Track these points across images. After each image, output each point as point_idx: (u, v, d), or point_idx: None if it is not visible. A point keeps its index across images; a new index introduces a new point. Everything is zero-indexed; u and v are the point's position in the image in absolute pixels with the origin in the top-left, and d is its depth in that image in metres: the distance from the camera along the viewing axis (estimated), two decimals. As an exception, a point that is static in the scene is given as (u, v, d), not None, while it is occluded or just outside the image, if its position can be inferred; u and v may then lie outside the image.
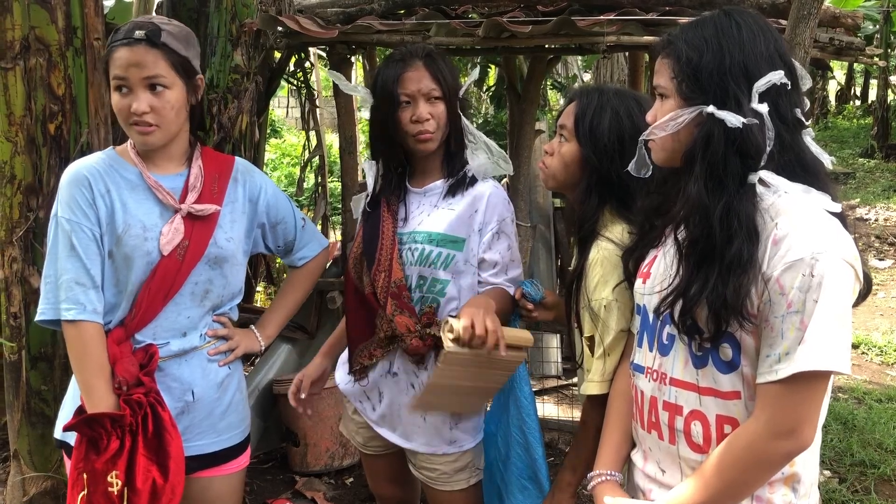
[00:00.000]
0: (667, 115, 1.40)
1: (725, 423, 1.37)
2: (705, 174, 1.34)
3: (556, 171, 1.92)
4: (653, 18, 3.18)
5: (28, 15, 2.61)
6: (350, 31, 3.22)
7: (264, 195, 2.06)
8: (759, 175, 1.33)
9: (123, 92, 1.82)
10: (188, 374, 1.94)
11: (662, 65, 1.42)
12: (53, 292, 1.83)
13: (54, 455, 2.76)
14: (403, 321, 2.03)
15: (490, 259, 2.05)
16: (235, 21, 3.43)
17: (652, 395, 1.48)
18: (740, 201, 1.32)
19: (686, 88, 1.37)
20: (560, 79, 8.16)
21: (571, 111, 1.88)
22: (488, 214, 2.03)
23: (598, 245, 1.79)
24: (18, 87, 2.64)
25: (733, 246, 1.29)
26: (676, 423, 1.43)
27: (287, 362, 4.01)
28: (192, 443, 1.94)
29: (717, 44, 1.35)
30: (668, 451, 1.46)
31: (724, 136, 1.32)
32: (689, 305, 1.35)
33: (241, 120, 3.45)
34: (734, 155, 1.32)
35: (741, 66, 1.33)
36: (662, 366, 1.46)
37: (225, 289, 1.99)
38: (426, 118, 2.02)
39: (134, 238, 1.84)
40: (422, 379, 2.07)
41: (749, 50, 1.34)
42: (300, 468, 3.71)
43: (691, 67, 1.36)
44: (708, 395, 1.38)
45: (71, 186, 1.85)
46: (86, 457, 1.78)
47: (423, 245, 2.04)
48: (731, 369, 1.35)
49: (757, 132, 1.31)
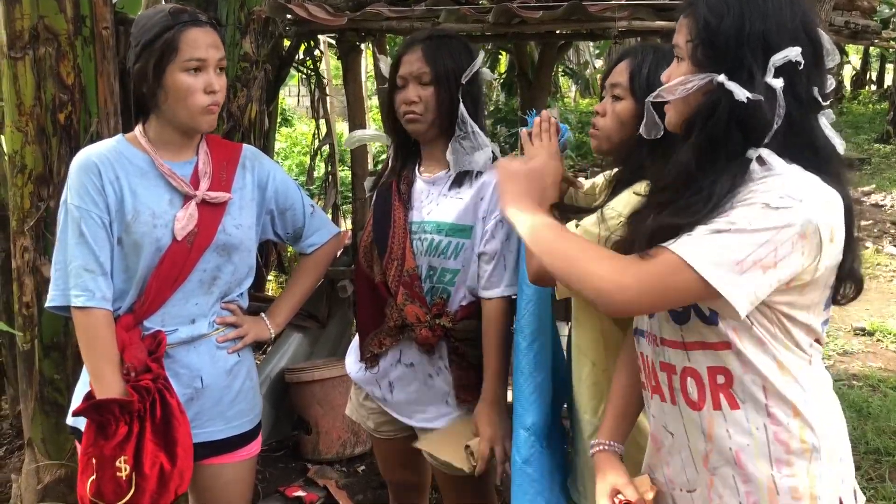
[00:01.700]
0: (678, 78, 1.35)
1: (718, 373, 1.34)
2: (701, 144, 1.31)
3: (611, 130, 1.85)
4: (664, 3, 3.14)
5: (37, 4, 2.61)
6: (359, 19, 3.20)
7: (273, 181, 2.06)
8: (759, 152, 1.28)
9: (195, 73, 1.82)
10: (196, 361, 1.95)
11: (682, 24, 1.36)
12: (63, 279, 1.84)
13: (68, 443, 2.78)
14: (414, 311, 2.04)
15: (490, 251, 2.03)
16: (244, 9, 3.42)
17: (651, 359, 1.47)
18: (727, 173, 1.28)
19: (701, 53, 1.31)
20: (571, 65, 8.13)
21: (624, 69, 1.83)
22: (493, 202, 2.02)
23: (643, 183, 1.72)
24: (28, 76, 2.64)
25: (698, 199, 1.28)
26: (673, 383, 1.41)
27: (298, 351, 4.02)
28: (201, 430, 1.95)
29: (739, 10, 1.28)
30: (671, 414, 1.44)
31: (729, 108, 1.27)
32: (633, 237, 1.35)
33: (251, 109, 3.45)
34: (737, 128, 1.28)
35: (760, 37, 1.27)
36: (652, 327, 1.44)
37: (233, 276, 1.99)
38: (413, 99, 2.02)
39: (143, 225, 1.85)
40: (437, 367, 2.08)
41: (772, 20, 1.27)
42: (312, 456, 3.72)
43: (708, 32, 1.30)
44: (695, 350, 1.36)
45: (80, 173, 1.85)
46: (95, 442, 1.80)
47: (433, 235, 2.04)
48: (714, 322, 1.32)
49: (766, 108, 1.25)
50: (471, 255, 2.04)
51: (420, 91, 2.03)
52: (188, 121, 1.86)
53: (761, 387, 1.32)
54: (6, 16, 2.63)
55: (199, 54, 1.81)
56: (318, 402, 3.65)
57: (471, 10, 3.13)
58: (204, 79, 1.83)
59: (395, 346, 2.10)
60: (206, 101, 1.83)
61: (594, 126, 1.90)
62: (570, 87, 13.84)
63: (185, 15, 1.83)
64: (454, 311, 2.07)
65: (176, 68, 1.80)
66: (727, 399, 1.34)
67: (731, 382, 1.33)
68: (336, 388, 3.62)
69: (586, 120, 11.40)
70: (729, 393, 1.34)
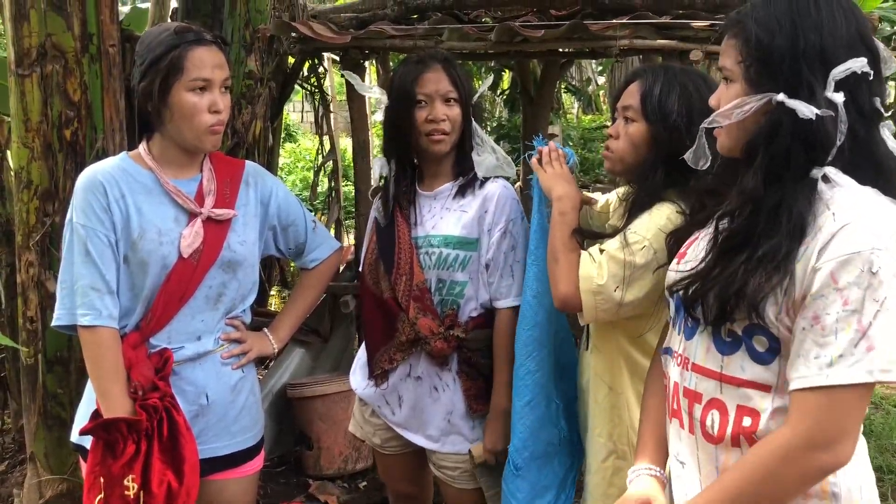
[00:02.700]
0: (732, 101, 1.28)
1: (746, 414, 1.27)
2: (766, 167, 1.23)
3: (624, 153, 1.87)
4: (666, 22, 3.17)
5: (45, 22, 2.64)
6: (363, 37, 3.22)
7: (275, 198, 2.07)
8: (825, 171, 1.21)
9: (200, 92, 1.83)
10: (202, 378, 1.95)
11: (729, 45, 1.30)
12: (69, 298, 1.85)
13: (70, 458, 2.78)
14: (427, 323, 2.06)
15: (496, 261, 2.06)
16: (249, 27, 3.45)
17: (675, 381, 1.40)
18: (795, 197, 1.20)
19: (754, 73, 1.25)
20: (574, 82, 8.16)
21: (635, 91, 1.85)
22: (497, 214, 2.05)
23: (665, 204, 1.75)
24: (35, 93, 2.67)
25: (772, 240, 1.19)
26: (695, 412, 1.34)
27: (301, 366, 4.02)
28: (206, 445, 1.95)
29: (792, 24, 1.22)
30: (687, 442, 1.37)
31: (792, 128, 1.20)
32: (703, 289, 1.27)
33: (255, 125, 3.46)
34: (801, 148, 1.21)
35: (817, 51, 1.20)
36: (686, 350, 1.37)
37: (238, 292, 2.00)
38: (442, 118, 2.06)
39: (149, 243, 1.86)
40: (446, 381, 2.10)
41: (827, 32, 1.21)
42: (314, 472, 3.71)
43: (761, 50, 1.24)
44: (730, 384, 1.28)
45: (86, 192, 1.86)
46: (102, 461, 1.80)
47: (440, 248, 2.07)
48: (766, 361, 1.24)
49: (829, 124, 1.19)
50: (478, 267, 2.07)
51: (447, 110, 2.07)
52: (193, 140, 1.87)
53: None
54: (14, 33, 2.65)
55: (204, 74, 1.82)
56: (320, 418, 3.65)
57: (474, 29, 3.16)
58: (209, 98, 1.84)
59: (406, 361, 2.13)
60: (211, 120, 1.85)
61: (608, 148, 1.92)
62: (573, 103, 13.88)
63: (190, 34, 1.85)
64: (465, 322, 2.10)
65: (181, 87, 1.81)
66: (748, 441, 1.27)
67: (757, 427, 1.26)
68: (338, 403, 3.62)
69: (589, 136, 11.43)
70: (752, 437, 1.27)
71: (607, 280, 1.70)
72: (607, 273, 1.71)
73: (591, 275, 1.72)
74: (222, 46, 1.91)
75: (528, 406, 1.97)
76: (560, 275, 1.78)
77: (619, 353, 1.86)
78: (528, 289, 1.99)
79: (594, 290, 1.71)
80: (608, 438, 1.88)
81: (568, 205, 1.87)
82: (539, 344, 1.98)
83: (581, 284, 1.73)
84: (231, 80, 1.90)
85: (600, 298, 1.71)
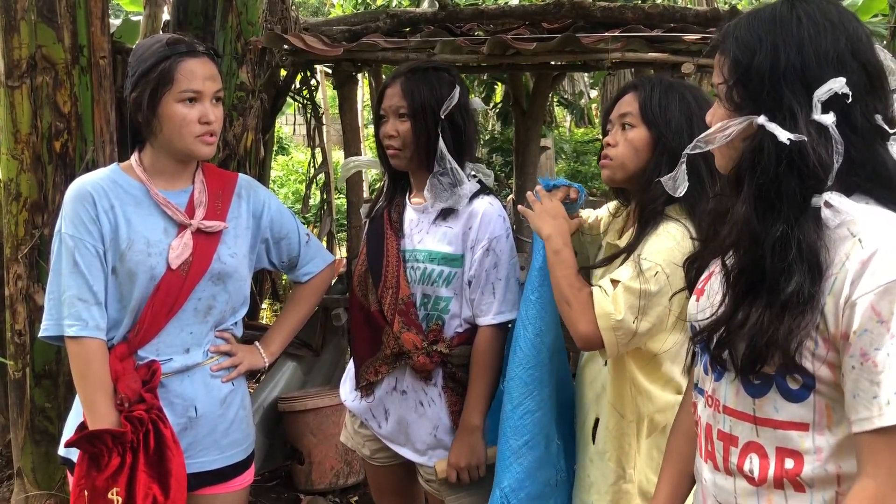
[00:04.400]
0: (717, 123, 1.22)
1: (787, 456, 1.18)
2: (754, 195, 1.15)
3: (624, 158, 1.82)
4: (657, 35, 3.19)
5: (35, 34, 2.63)
6: (355, 49, 3.23)
7: (268, 211, 2.06)
8: (825, 198, 1.12)
9: (190, 104, 1.82)
10: (191, 391, 1.93)
11: (717, 62, 1.24)
12: (57, 308, 1.83)
13: (58, 473, 2.75)
14: (410, 338, 2.04)
15: (477, 278, 2.04)
16: (241, 39, 3.46)
17: (707, 423, 1.31)
18: (800, 229, 1.11)
19: (735, 95, 1.19)
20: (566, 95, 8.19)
21: (632, 99, 1.83)
22: (481, 232, 2.03)
23: (670, 224, 1.74)
24: (25, 105, 2.66)
25: (792, 282, 1.10)
26: (731, 456, 1.25)
27: (292, 380, 3.99)
28: (195, 459, 1.93)
29: (772, 42, 1.15)
30: (723, 486, 1.28)
31: (775, 152, 1.12)
32: (728, 339, 1.19)
33: (247, 137, 3.46)
34: (789, 174, 1.12)
35: (797, 70, 1.13)
36: (716, 392, 1.28)
37: (228, 304, 1.98)
38: (391, 134, 2.05)
39: (138, 254, 1.84)
40: (431, 396, 2.08)
41: (809, 50, 1.13)
42: (305, 486, 3.68)
43: (740, 70, 1.17)
44: (766, 427, 1.20)
45: (74, 202, 1.85)
46: (87, 473, 1.78)
47: (425, 264, 2.05)
48: (800, 398, 1.16)
49: (817, 147, 1.10)
50: (462, 283, 2.05)
51: (398, 125, 2.05)
52: (184, 149, 1.86)
53: (835, 475, 1.15)
54: (4, 45, 2.65)
55: (194, 86, 1.82)
56: (312, 432, 3.62)
57: (466, 42, 3.17)
58: (199, 109, 1.83)
59: (391, 374, 2.11)
60: (201, 130, 1.84)
61: (606, 157, 1.87)
62: (565, 116, 13.93)
63: (181, 45, 1.84)
64: (450, 338, 2.08)
65: (171, 99, 1.81)
66: (792, 483, 1.19)
67: (801, 470, 1.17)
68: (329, 417, 3.59)
69: (581, 149, 11.47)
70: (796, 480, 1.18)
71: (625, 314, 1.69)
72: (623, 306, 1.69)
73: (608, 311, 1.70)
74: (214, 58, 1.91)
75: (527, 446, 1.93)
76: (576, 317, 1.75)
77: (629, 380, 1.85)
78: (530, 326, 1.93)
79: (614, 326, 1.70)
80: (617, 464, 1.88)
81: (559, 242, 1.85)
82: (540, 384, 1.93)
83: (600, 323, 1.71)
84: (223, 91, 1.89)
85: (620, 333, 1.70)
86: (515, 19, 3.65)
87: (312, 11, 14.04)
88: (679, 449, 1.48)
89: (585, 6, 3.41)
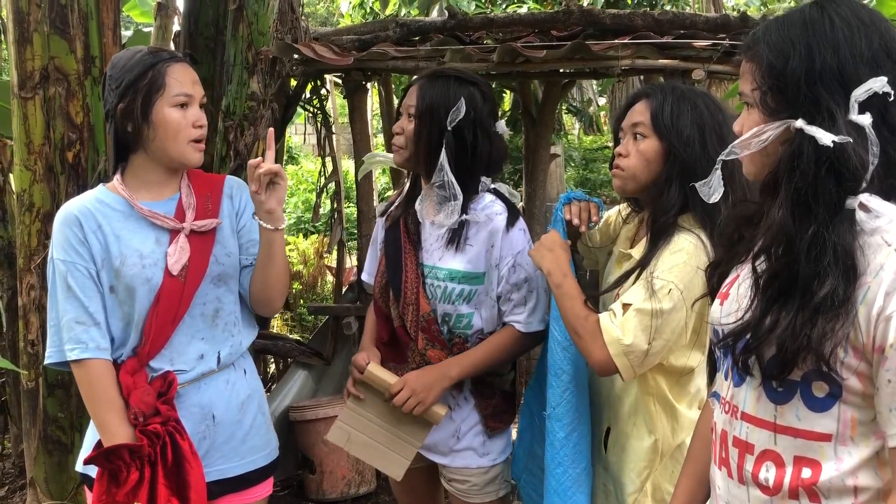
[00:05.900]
0: (752, 128, 1.21)
1: (805, 465, 1.17)
2: (792, 199, 1.14)
3: (636, 169, 1.81)
4: (667, 42, 3.18)
5: (48, 45, 2.65)
6: (365, 58, 3.24)
7: (248, 213, 2.01)
8: (860, 199, 1.11)
9: (182, 108, 1.84)
10: (207, 398, 1.93)
11: (745, 70, 1.23)
12: (57, 334, 1.85)
13: (70, 483, 2.75)
14: (436, 354, 2.07)
15: (506, 293, 2.05)
16: (252, 49, 3.46)
17: (723, 429, 1.30)
18: (835, 231, 1.11)
19: (770, 100, 1.18)
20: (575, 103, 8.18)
21: (644, 108, 1.82)
22: (504, 249, 2.03)
23: (682, 236, 1.73)
24: (38, 116, 2.67)
25: (826, 284, 1.09)
26: (746, 463, 1.24)
27: (303, 389, 3.99)
28: (213, 467, 1.93)
29: (806, 45, 1.14)
30: (737, 494, 1.27)
31: (815, 155, 1.11)
32: (756, 344, 1.17)
33: (258, 147, 3.46)
34: (828, 176, 1.11)
35: (835, 72, 1.12)
36: (735, 397, 1.28)
37: (236, 304, 1.98)
38: (398, 130, 2.09)
39: (132, 267, 1.84)
40: (458, 401, 2.11)
41: (845, 51, 1.13)
42: (316, 496, 3.68)
43: (774, 75, 1.16)
44: (786, 435, 1.18)
45: (62, 227, 1.85)
46: (107, 490, 1.78)
47: (446, 283, 2.06)
48: (825, 407, 1.14)
49: (857, 149, 1.10)
50: (484, 299, 2.06)
51: (406, 123, 2.07)
52: (177, 156, 1.86)
53: (853, 487, 1.14)
54: (17, 56, 2.66)
55: (185, 90, 1.84)
56: (323, 441, 3.62)
57: (476, 50, 3.17)
58: (192, 113, 1.85)
59: None
60: (196, 134, 1.86)
61: (618, 167, 1.86)
62: (574, 124, 13.92)
63: (164, 53, 1.88)
64: None
65: (164, 104, 1.82)
66: (807, 493, 1.17)
67: (818, 479, 1.16)
68: (341, 426, 3.58)
69: (590, 157, 11.46)
70: (812, 489, 1.17)
71: (635, 337, 1.69)
72: (635, 330, 1.69)
73: (617, 338, 1.71)
74: (195, 64, 1.93)
75: (585, 472, 1.92)
76: (587, 346, 1.76)
77: (656, 395, 1.85)
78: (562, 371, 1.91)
79: (625, 351, 1.70)
80: (637, 476, 1.87)
81: (558, 276, 1.85)
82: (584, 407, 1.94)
83: (610, 350, 1.71)
84: (224, 99, 1.90)
85: (633, 357, 1.71)
86: (525, 27, 3.65)
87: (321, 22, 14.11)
88: (699, 454, 1.47)
89: (595, 13, 3.41)
